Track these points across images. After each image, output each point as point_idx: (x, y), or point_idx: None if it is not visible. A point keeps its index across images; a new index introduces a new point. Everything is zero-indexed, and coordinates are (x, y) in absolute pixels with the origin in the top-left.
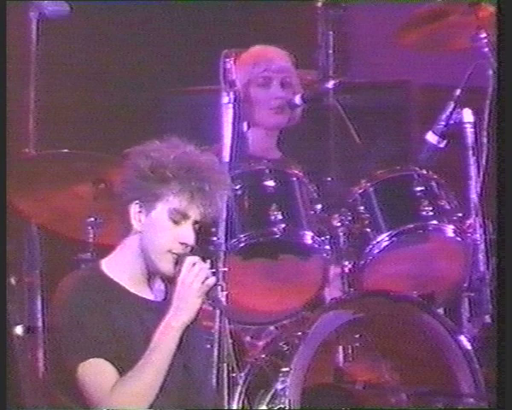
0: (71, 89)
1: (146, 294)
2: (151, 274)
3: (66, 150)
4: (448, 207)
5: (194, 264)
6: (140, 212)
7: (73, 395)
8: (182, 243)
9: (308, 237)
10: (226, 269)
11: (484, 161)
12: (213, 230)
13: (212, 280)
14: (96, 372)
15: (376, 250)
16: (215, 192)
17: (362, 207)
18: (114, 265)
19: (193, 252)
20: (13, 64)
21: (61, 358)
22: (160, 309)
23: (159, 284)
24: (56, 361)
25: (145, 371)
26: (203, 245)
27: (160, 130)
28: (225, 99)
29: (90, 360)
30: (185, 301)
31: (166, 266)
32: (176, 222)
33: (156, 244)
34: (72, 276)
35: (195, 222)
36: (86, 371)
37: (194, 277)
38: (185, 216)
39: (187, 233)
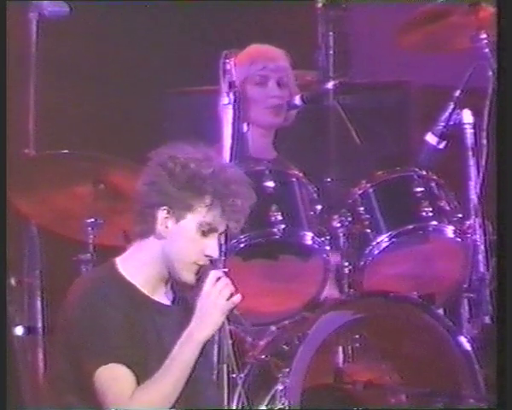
0: (71, 89)
1: (159, 297)
2: (169, 279)
3: (66, 151)
4: (448, 207)
5: (218, 278)
6: (167, 218)
7: (85, 396)
8: (206, 256)
9: (308, 237)
10: (226, 270)
11: (483, 162)
12: None
13: (238, 298)
14: (115, 378)
15: (376, 251)
16: (244, 209)
17: (362, 208)
18: (130, 266)
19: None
20: (13, 64)
21: (77, 359)
22: (170, 313)
23: (168, 287)
24: (70, 362)
25: (164, 382)
26: None
27: (160, 130)
28: (225, 100)
29: (110, 365)
30: (209, 316)
31: (189, 275)
32: (204, 234)
33: (183, 255)
34: (87, 276)
35: (220, 234)
36: (105, 376)
37: (219, 293)
38: (215, 229)
39: (213, 246)
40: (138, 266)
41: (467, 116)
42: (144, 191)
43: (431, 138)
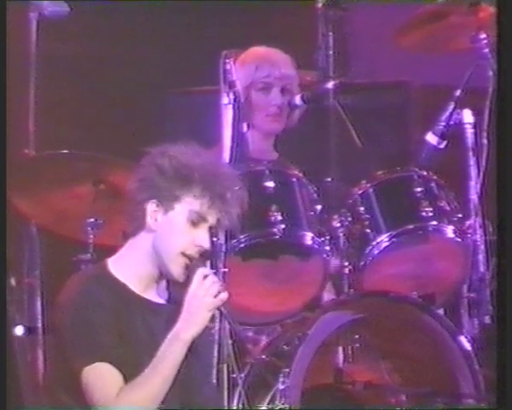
0: (71, 89)
1: (152, 296)
2: (159, 277)
3: (66, 151)
4: (448, 207)
5: (205, 276)
6: (156, 211)
7: (76, 395)
8: (197, 246)
9: (308, 237)
10: (226, 270)
11: (484, 162)
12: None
13: (224, 295)
14: (101, 377)
15: (376, 251)
16: (234, 203)
17: (362, 208)
18: (122, 265)
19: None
20: (13, 64)
21: (66, 358)
22: (164, 312)
23: (163, 286)
24: (61, 361)
25: (151, 381)
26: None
27: (161, 130)
28: (225, 100)
29: (96, 364)
30: (196, 314)
31: (177, 269)
32: (194, 224)
33: (171, 245)
34: (79, 276)
35: (211, 227)
36: (91, 375)
37: (206, 290)
38: (204, 219)
39: (203, 236)
40: (129, 265)
41: (467, 116)
42: (135, 188)
43: (431, 138)
